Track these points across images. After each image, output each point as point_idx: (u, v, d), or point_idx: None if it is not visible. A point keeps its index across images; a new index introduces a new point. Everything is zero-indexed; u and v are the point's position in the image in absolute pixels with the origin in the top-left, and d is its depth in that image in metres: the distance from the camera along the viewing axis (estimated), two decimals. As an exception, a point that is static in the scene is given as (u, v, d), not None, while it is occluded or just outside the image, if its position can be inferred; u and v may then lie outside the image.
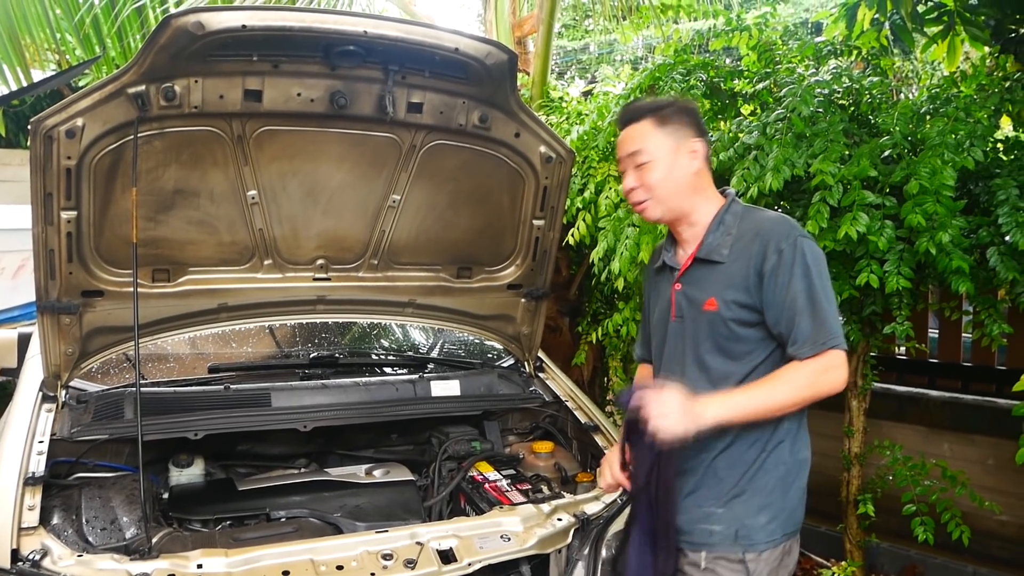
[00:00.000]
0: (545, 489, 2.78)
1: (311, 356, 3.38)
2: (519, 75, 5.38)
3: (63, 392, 2.74)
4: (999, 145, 3.58)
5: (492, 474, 2.87)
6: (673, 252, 2.29)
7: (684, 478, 2.13)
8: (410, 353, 3.94)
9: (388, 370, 3.48)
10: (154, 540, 2.30)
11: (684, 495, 2.13)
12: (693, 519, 2.12)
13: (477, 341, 3.76)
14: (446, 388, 3.16)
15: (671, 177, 2.15)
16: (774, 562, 2.10)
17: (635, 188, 2.18)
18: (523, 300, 3.31)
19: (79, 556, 2.12)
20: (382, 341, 4.08)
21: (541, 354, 3.50)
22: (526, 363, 3.46)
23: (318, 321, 3.52)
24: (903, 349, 4.98)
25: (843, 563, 4.00)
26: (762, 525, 2.08)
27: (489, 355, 3.70)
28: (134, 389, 2.62)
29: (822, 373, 1.99)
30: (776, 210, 3.66)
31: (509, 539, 2.39)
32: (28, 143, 2.35)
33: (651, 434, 1.93)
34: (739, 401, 2.00)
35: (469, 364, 3.50)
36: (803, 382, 2.00)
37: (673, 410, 1.91)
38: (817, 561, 4.42)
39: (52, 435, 2.54)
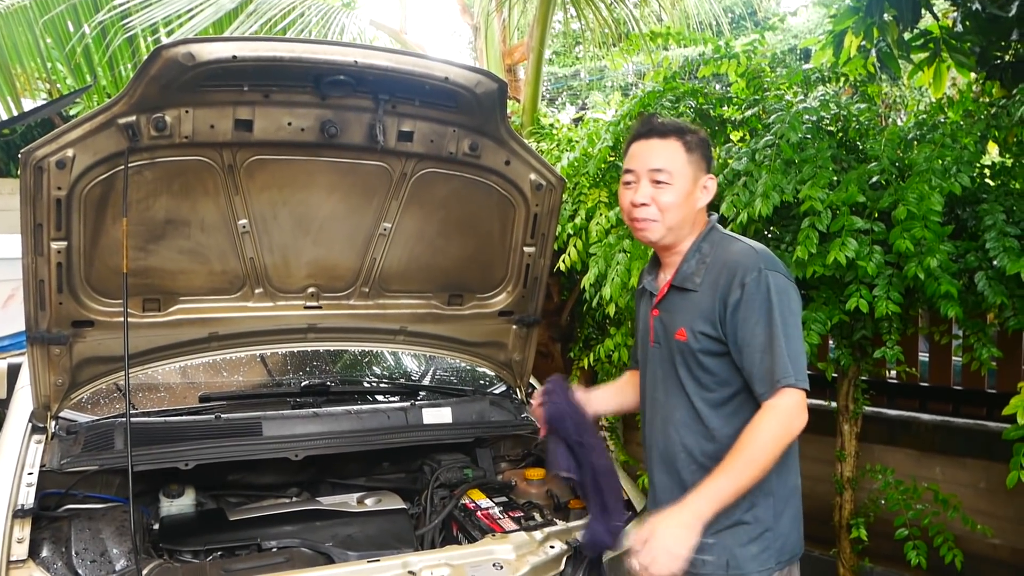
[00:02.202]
0: (537, 516, 2.77)
1: (302, 385, 3.36)
2: (510, 102, 5.42)
3: (53, 423, 2.72)
4: (986, 171, 3.61)
5: (484, 501, 2.85)
6: (654, 276, 2.30)
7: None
8: (401, 381, 3.93)
9: (380, 398, 3.47)
10: (144, 572, 2.28)
11: None
12: None
13: (468, 368, 3.75)
14: (438, 416, 3.15)
15: (684, 205, 2.12)
16: None
17: (647, 204, 2.11)
18: (514, 327, 3.31)
19: (67, 589, 2.10)
20: (373, 369, 4.06)
21: (533, 380, 3.50)
22: (518, 390, 3.45)
23: (309, 349, 3.51)
24: (894, 373, 4.98)
25: (837, 588, 3.99)
26: (753, 555, 2.09)
27: (481, 382, 3.69)
28: (124, 419, 2.61)
29: (785, 418, 1.95)
30: (766, 235, 3.70)
31: (502, 567, 2.37)
32: (18, 173, 2.35)
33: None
34: (722, 486, 1.95)
35: (461, 391, 3.49)
36: (771, 437, 1.95)
37: (664, 551, 1.90)
38: (812, 586, 4.40)
39: (41, 466, 2.51)
